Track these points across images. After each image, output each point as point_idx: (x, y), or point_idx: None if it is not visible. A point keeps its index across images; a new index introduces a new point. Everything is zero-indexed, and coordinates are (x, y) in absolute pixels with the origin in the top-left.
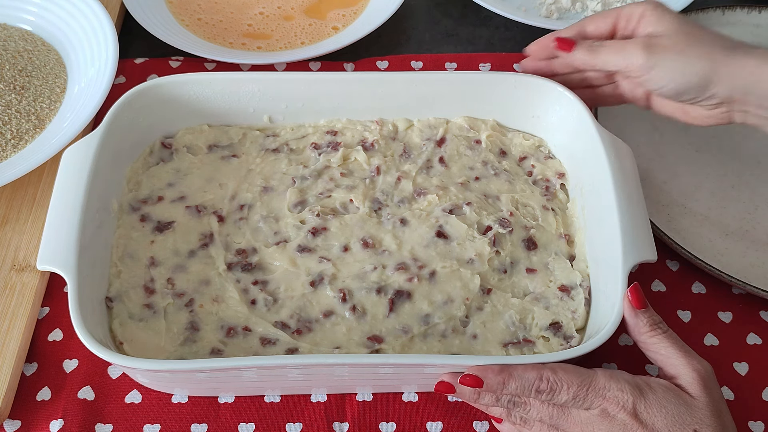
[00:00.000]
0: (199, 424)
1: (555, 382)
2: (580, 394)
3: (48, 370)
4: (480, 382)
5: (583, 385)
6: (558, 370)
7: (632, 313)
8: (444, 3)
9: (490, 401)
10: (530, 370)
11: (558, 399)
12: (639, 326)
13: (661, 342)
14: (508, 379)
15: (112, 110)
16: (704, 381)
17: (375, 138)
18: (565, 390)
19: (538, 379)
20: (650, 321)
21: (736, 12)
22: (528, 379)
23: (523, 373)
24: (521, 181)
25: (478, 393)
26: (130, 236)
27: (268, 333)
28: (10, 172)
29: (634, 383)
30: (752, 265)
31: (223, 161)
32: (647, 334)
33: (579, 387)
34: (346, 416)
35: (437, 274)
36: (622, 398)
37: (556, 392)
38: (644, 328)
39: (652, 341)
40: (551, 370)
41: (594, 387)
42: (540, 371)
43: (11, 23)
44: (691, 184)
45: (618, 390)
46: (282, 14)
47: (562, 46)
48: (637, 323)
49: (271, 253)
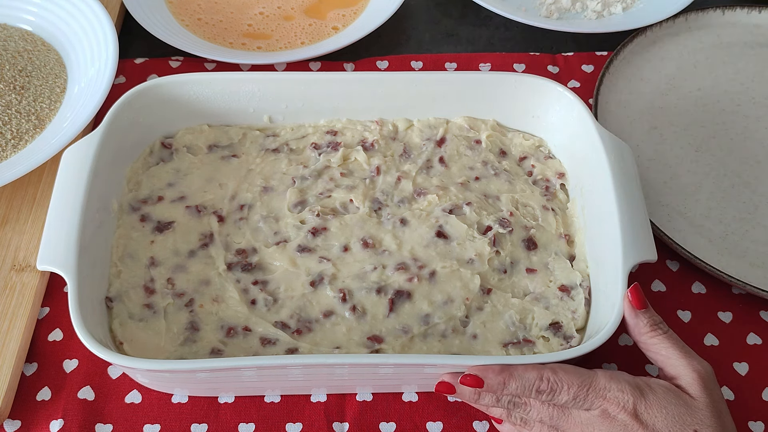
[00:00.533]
0: (199, 424)
1: (555, 382)
2: (581, 394)
3: (48, 370)
4: (480, 382)
5: (584, 386)
6: (558, 370)
7: (632, 314)
8: (444, 3)
9: (490, 402)
10: (530, 370)
11: (558, 399)
12: (639, 327)
13: (661, 342)
14: (508, 379)
15: (112, 110)
16: (704, 381)
17: (375, 138)
18: (565, 390)
19: (539, 380)
20: (650, 321)
21: (736, 12)
22: (528, 379)
23: (523, 373)
24: (521, 181)
25: (478, 393)
26: (130, 236)
27: (268, 333)
28: (10, 172)
29: (634, 384)
30: (752, 265)
31: (223, 161)
32: (647, 335)
33: (579, 387)
34: (346, 416)
35: (437, 274)
36: (622, 399)
37: (557, 392)
38: (644, 329)
39: (653, 342)
40: (551, 370)
41: (594, 387)
42: (540, 371)
43: (11, 23)
44: (691, 184)
45: (618, 390)
46: (282, 14)
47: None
48: (638, 323)
49: (271, 253)
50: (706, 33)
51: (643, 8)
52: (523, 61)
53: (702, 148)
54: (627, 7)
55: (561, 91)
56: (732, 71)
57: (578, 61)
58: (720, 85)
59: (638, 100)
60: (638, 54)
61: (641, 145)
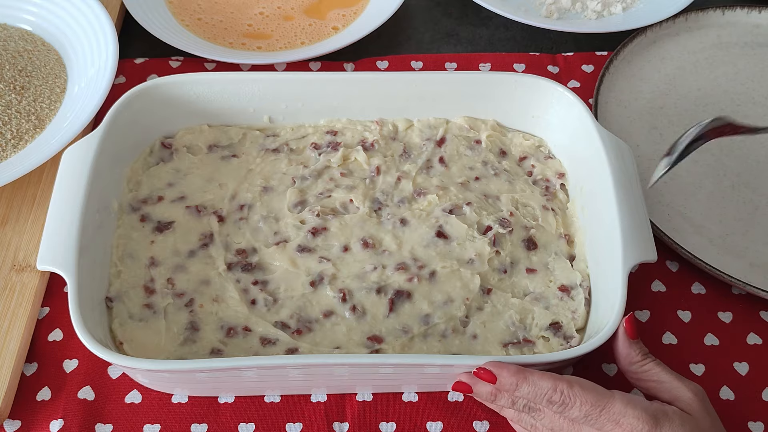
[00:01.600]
0: (199, 424)
1: (568, 396)
2: (593, 414)
3: (48, 370)
4: (494, 378)
5: (597, 406)
6: (575, 384)
7: (626, 343)
8: (444, 3)
9: (506, 404)
10: (546, 378)
11: (569, 414)
12: (631, 356)
13: (652, 369)
14: (521, 382)
15: (112, 110)
16: (702, 402)
17: (375, 138)
18: (577, 406)
19: (552, 390)
20: (641, 351)
21: (736, 12)
22: (542, 387)
23: (538, 380)
24: (521, 181)
25: (494, 395)
26: (130, 236)
27: (268, 333)
28: (10, 172)
29: (651, 412)
30: (752, 265)
31: (223, 161)
32: (638, 363)
33: (592, 407)
34: (346, 416)
35: (437, 274)
36: (637, 427)
37: (568, 406)
38: (636, 357)
39: (644, 369)
40: (568, 383)
41: (609, 410)
42: (556, 382)
43: (11, 23)
44: (691, 184)
45: (634, 418)
46: (282, 14)
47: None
48: (630, 353)
49: (271, 253)
50: (706, 33)
51: (643, 8)
52: (523, 61)
53: (702, 148)
54: (627, 7)
55: (561, 91)
56: (732, 71)
57: (578, 61)
58: (720, 85)
59: (638, 100)
60: (638, 54)
61: (641, 145)
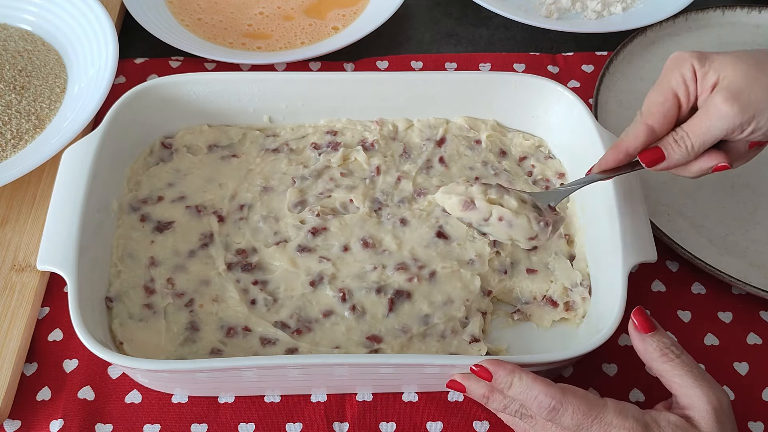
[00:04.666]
0: (199, 424)
1: (560, 402)
2: (584, 423)
3: (48, 370)
4: (489, 375)
5: (589, 415)
6: (568, 392)
7: (639, 339)
8: (444, 3)
9: (498, 407)
10: (540, 382)
11: (561, 421)
12: (649, 352)
13: (673, 369)
14: (516, 382)
15: (112, 110)
16: (718, 415)
17: (375, 138)
18: (569, 414)
19: (544, 394)
20: (660, 345)
21: (736, 12)
22: (534, 389)
23: (531, 381)
24: (521, 181)
25: (487, 397)
26: (130, 236)
27: (268, 333)
28: (10, 172)
29: (643, 423)
30: (752, 265)
31: (223, 161)
32: (658, 360)
33: (584, 416)
34: (346, 416)
35: (437, 274)
36: None
37: (559, 413)
38: (655, 353)
39: (665, 368)
40: (561, 389)
41: (600, 420)
42: (549, 387)
43: (11, 23)
44: (691, 184)
45: (624, 429)
46: (282, 14)
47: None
48: (647, 349)
49: (271, 253)
50: (706, 33)
51: (643, 8)
52: (523, 61)
53: None
54: (627, 7)
55: (561, 91)
56: None
57: (578, 61)
58: None
59: (638, 100)
60: (638, 54)
61: None
